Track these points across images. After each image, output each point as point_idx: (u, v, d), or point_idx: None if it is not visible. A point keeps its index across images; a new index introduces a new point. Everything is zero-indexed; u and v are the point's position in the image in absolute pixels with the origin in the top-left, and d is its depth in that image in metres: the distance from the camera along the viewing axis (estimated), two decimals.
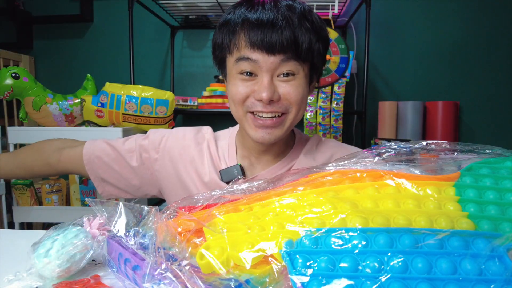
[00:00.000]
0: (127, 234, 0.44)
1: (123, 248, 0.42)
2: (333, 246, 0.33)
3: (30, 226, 1.80)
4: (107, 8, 2.12)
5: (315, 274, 0.31)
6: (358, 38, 1.96)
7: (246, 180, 0.67)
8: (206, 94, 1.87)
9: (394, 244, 0.32)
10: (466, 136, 1.98)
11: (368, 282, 0.30)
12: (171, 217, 0.44)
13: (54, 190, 1.43)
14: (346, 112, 1.76)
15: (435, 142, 0.47)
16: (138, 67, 2.01)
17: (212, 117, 2.09)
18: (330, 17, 1.58)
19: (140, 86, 1.25)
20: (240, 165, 0.72)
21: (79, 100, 1.27)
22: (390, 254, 0.31)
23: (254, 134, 0.66)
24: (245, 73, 0.63)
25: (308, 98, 0.69)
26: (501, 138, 1.96)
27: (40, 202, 1.45)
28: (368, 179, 0.42)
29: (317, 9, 1.59)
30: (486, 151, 0.44)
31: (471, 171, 0.41)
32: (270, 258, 0.35)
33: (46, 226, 1.80)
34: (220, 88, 1.83)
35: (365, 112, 1.66)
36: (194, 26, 2.05)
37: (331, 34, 1.38)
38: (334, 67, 1.40)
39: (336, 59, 1.40)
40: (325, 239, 0.34)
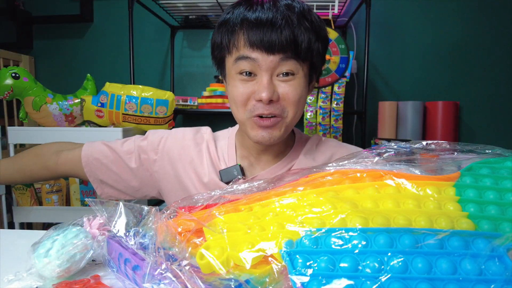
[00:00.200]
0: (127, 234, 0.44)
1: (123, 248, 0.42)
2: (333, 246, 0.33)
3: (30, 226, 1.80)
4: (107, 8, 2.12)
5: (315, 274, 0.31)
6: (358, 38, 1.96)
7: (246, 180, 0.67)
8: (206, 94, 1.87)
9: (394, 244, 0.32)
10: (466, 136, 1.98)
11: (368, 282, 0.30)
12: (171, 217, 0.44)
13: (54, 190, 1.43)
14: (346, 112, 1.76)
15: (435, 142, 0.47)
16: (138, 67, 2.01)
17: (212, 117, 2.09)
18: (330, 17, 1.58)
19: (140, 86, 1.25)
20: (239, 165, 0.72)
21: (79, 100, 1.27)
22: (390, 254, 0.32)
23: (254, 134, 0.66)
24: (244, 73, 0.63)
25: (307, 98, 0.69)
26: (501, 138, 1.96)
27: (40, 202, 1.45)
28: (368, 179, 0.42)
29: (317, 9, 1.59)
30: (486, 151, 0.44)
31: (471, 171, 0.41)
32: (270, 258, 0.35)
33: (46, 226, 1.80)
34: (220, 88, 1.83)
35: (365, 112, 1.66)
36: (194, 26, 2.05)
37: (331, 34, 1.38)
38: (334, 67, 1.40)
39: (336, 59, 1.40)
40: (325, 239, 0.34)
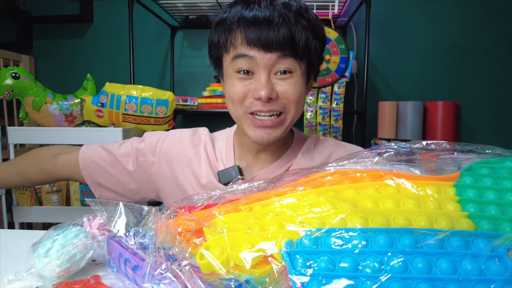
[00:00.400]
0: (127, 234, 0.44)
1: (123, 248, 0.42)
2: (333, 246, 0.33)
3: (30, 226, 1.80)
4: (107, 8, 2.12)
5: (315, 274, 0.31)
6: (358, 38, 1.96)
7: (246, 180, 0.67)
8: (206, 94, 1.87)
9: (394, 244, 0.32)
10: (466, 136, 1.98)
11: (368, 282, 0.30)
12: (171, 217, 0.44)
13: (54, 190, 1.43)
14: (346, 112, 1.76)
15: (435, 142, 0.47)
16: (138, 67, 2.01)
17: (212, 117, 2.09)
18: (330, 17, 1.58)
19: (140, 86, 1.25)
20: (238, 166, 0.71)
21: (79, 100, 1.27)
22: (390, 254, 0.31)
23: (253, 134, 0.65)
24: (242, 71, 0.63)
25: (306, 96, 0.69)
26: (501, 138, 1.96)
27: (40, 202, 1.46)
28: (368, 179, 0.42)
29: (317, 9, 1.59)
30: (486, 151, 0.44)
31: (471, 171, 0.41)
32: (270, 258, 0.35)
33: (46, 226, 1.80)
34: (220, 88, 1.83)
35: (365, 112, 1.66)
36: (194, 26, 2.05)
37: (331, 34, 1.38)
38: (334, 67, 1.40)
39: (336, 59, 1.40)
40: (325, 239, 0.34)
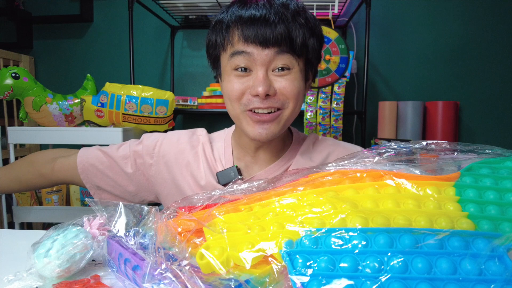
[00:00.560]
0: (127, 234, 0.44)
1: (123, 248, 0.42)
2: (333, 246, 0.33)
3: (30, 226, 1.80)
4: (107, 8, 2.12)
5: (315, 274, 0.31)
6: (358, 38, 1.96)
7: (245, 180, 0.67)
8: (206, 94, 1.87)
9: (394, 244, 0.32)
10: (466, 136, 1.98)
11: (368, 282, 0.30)
12: (171, 217, 0.44)
13: (54, 190, 1.43)
14: (346, 112, 1.76)
15: (435, 142, 0.47)
16: (138, 67, 2.01)
17: (212, 117, 2.09)
18: (330, 17, 1.58)
19: (140, 86, 1.25)
20: (236, 166, 0.71)
21: (79, 100, 1.27)
22: (390, 254, 0.32)
23: (251, 130, 0.65)
24: (239, 69, 0.63)
25: (304, 94, 0.68)
26: (501, 138, 1.96)
27: (40, 202, 1.46)
28: (368, 179, 0.42)
29: (317, 9, 1.59)
30: (486, 151, 0.44)
31: (471, 171, 0.41)
32: (270, 258, 0.35)
33: (46, 226, 1.80)
34: (220, 88, 1.83)
35: (365, 112, 1.66)
36: (194, 26, 2.05)
37: (331, 34, 1.38)
38: (334, 67, 1.40)
39: (336, 59, 1.40)
40: (325, 239, 0.34)
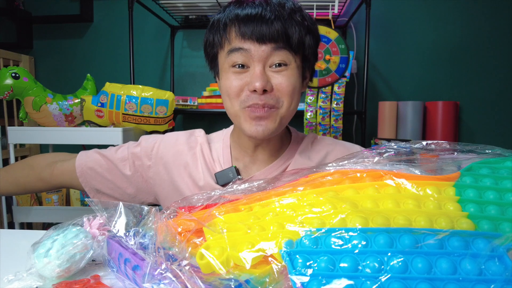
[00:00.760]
0: (127, 234, 0.44)
1: (123, 248, 0.42)
2: (333, 246, 0.33)
3: (30, 226, 1.80)
4: (107, 8, 2.12)
5: (315, 274, 0.31)
6: (358, 38, 1.96)
7: (245, 180, 0.67)
8: (206, 94, 1.87)
9: (394, 244, 0.32)
10: (466, 136, 1.98)
11: (368, 282, 0.30)
12: (171, 217, 0.44)
13: (54, 190, 1.43)
14: (346, 112, 1.76)
15: (435, 142, 0.47)
16: (138, 67, 2.01)
17: (212, 117, 2.09)
18: (330, 17, 1.58)
19: (140, 86, 1.25)
20: (235, 167, 0.71)
21: (79, 100, 1.27)
22: (390, 254, 0.31)
23: (248, 127, 0.65)
24: (237, 65, 0.63)
25: (300, 92, 0.69)
26: (501, 138, 1.96)
27: (40, 202, 1.46)
28: (368, 179, 0.42)
29: (317, 9, 1.59)
30: (486, 151, 0.44)
31: (471, 171, 0.41)
32: (270, 258, 0.35)
33: (46, 226, 1.80)
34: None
35: (365, 112, 1.66)
36: (194, 26, 2.05)
37: (331, 34, 1.38)
38: (334, 67, 1.40)
39: (336, 59, 1.40)
40: (325, 239, 0.34)
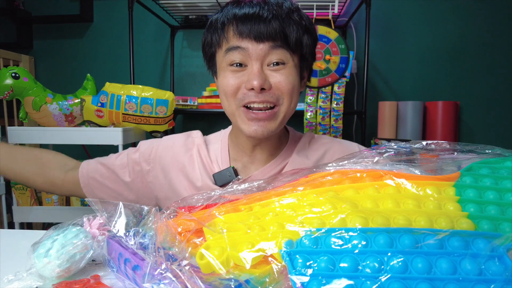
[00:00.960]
0: (127, 234, 0.44)
1: (123, 248, 0.42)
2: (333, 246, 0.33)
3: (30, 226, 1.80)
4: (107, 8, 2.12)
5: (315, 274, 0.31)
6: (358, 38, 1.96)
7: (245, 180, 0.67)
8: (206, 94, 1.87)
9: (394, 244, 0.32)
10: (466, 136, 1.98)
11: (368, 282, 0.30)
12: (171, 217, 0.44)
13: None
14: (346, 112, 1.76)
15: (435, 142, 0.47)
16: (138, 67, 2.01)
17: (212, 117, 2.09)
18: (330, 17, 1.58)
19: (140, 86, 1.25)
20: (233, 167, 0.71)
21: (79, 100, 1.27)
22: (390, 254, 0.31)
23: (247, 128, 0.65)
24: (235, 64, 0.63)
25: (299, 91, 0.69)
26: (501, 138, 1.96)
27: (40, 202, 1.46)
28: (368, 179, 0.42)
29: (317, 9, 1.58)
30: (486, 151, 0.44)
31: (471, 171, 0.41)
32: (270, 258, 0.35)
33: (46, 226, 1.80)
34: None
35: (365, 112, 1.66)
36: (194, 26, 2.05)
37: (331, 34, 1.38)
38: (334, 67, 1.40)
39: (336, 59, 1.40)
40: (325, 239, 0.34)
